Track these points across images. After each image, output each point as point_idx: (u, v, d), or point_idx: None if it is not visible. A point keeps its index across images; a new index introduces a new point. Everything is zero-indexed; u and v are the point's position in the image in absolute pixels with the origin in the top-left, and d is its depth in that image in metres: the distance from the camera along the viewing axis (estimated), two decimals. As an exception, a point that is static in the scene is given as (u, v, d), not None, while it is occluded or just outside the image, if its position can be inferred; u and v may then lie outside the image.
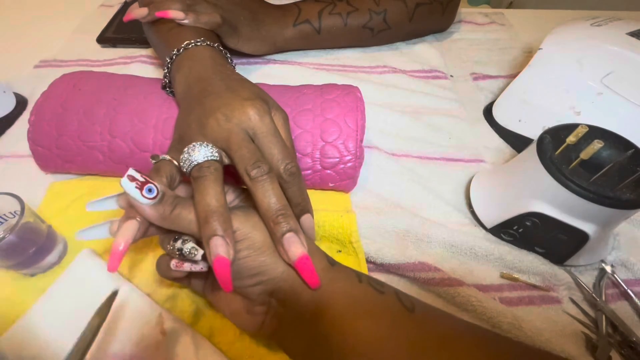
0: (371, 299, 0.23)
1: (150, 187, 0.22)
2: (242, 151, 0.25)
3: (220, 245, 0.22)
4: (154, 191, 0.22)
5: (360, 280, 0.24)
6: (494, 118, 0.46)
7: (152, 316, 0.28)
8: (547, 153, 0.29)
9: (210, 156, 0.25)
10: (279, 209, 0.24)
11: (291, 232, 0.23)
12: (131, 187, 0.21)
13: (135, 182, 0.21)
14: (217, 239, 0.22)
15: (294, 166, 0.27)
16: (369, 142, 0.42)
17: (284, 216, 0.24)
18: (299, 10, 0.51)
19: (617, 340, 0.29)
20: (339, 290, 0.23)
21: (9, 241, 0.28)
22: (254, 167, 0.24)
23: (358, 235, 0.34)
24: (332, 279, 0.24)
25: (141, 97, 0.35)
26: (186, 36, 0.36)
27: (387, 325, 0.22)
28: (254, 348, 0.28)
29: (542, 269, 0.32)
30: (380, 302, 0.23)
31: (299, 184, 0.27)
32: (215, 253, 0.22)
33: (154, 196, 0.22)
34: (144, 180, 0.22)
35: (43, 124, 0.34)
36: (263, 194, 0.24)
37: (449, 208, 0.37)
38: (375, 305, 0.23)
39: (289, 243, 0.23)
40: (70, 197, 0.36)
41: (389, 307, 0.23)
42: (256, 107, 0.27)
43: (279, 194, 0.24)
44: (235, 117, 0.26)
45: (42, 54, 0.54)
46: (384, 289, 0.24)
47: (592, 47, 0.39)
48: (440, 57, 0.55)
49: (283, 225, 0.23)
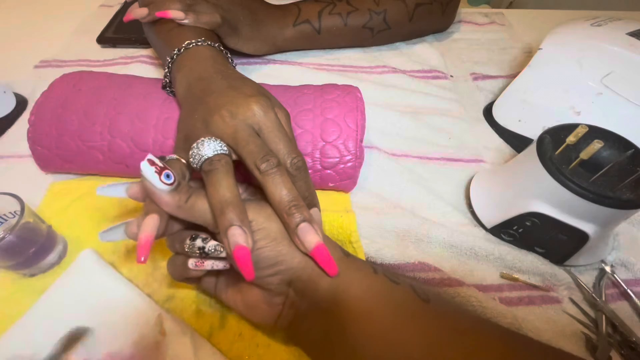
0: (387, 289, 0.23)
1: (168, 173, 0.22)
2: (250, 146, 0.25)
3: (239, 235, 0.22)
4: (172, 177, 0.22)
5: (375, 271, 0.24)
6: (494, 118, 0.46)
7: (151, 316, 0.28)
8: (547, 153, 0.29)
9: (220, 150, 0.25)
10: (291, 200, 0.24)
11: (305, 222, 0.23)
12: (151, 172, 0.21)
13: (155, 166, 0.22)
14: (235, 229, 0.22)
15: (300, 160, 0.27)
16: (369, 142, 0.42)
17: (296, 207, 0.24)
18: (299, 10, 0.51)
19: (617, 340, 0.29)
20: (356, 280, 0.24)
21: (9, 241, 0.28)
22: (263, 161, 0.24)
23: (358, 235, 0.34)
24: (349, 269, 0.24)
25: (141, 97, 0.35)
26: (186, 36, 0.36)
27: (402, 315, 0.22)
28: (253, 348, 0.28)
29: (542, 269, 0.32)
30: (396, 292, 0.23)
31: (306, 178, 0.27)
32: (235, 242, 0.22)
33: (171, 182, 0.22)
34: (162, 165, 0.22)
35: (43, 124, 0.34)
36: (274, 186, 0.24)
37: (449, 208, 0.37)
38: (391, 295, 0.23)
39: (304, 233, 0.23)
40: (70, 197, 0.36)
41: (405, 298, 0.23)
42: (260, 103, 0.27)
43: (289, 186, 0.24)
44: (240, 113, 0.27)
45: (42, 54, 0.54)
46: (399, 280, 0.24)
47: (592, 47, 0.39)
48: (440, 57, 0.55)
49: (297, 216, 0.24)
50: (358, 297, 0.23)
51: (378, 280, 0.24)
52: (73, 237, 0.34)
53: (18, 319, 0.28)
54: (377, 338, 0.22)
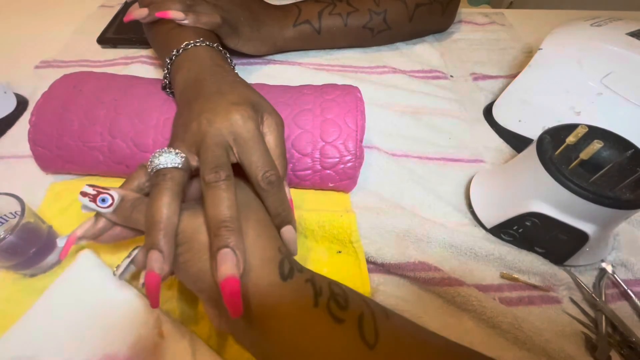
0: (323, 330, 0.21)
1: (104, 197, 0.24)
2: (206, 154, 0.25)
3: (155, 260, 0.22)
4: (108, 200, 0.24)
5: (316, 304, 0.22)
6: (494, 118, 0.46)
7: (149, 318, 0.28)
8: (547, 153, 0.29)
9: (171, 163, 0.24)
10: (223, 220, 0.22)
11: (227, 249, 0.21)
12: (85, 201, 0.24)
13: (87, 196, 0.24)
14: (153, 253, 0.22)
15: (273, 174, 0.25)
16: (369, 142, 0.42)
17: (227, 229, 0.22)
18: (299, 10, 0.51)
19: (617, 340, 0.29)
20: (284, 313, 0.21)
21: (10, 241, 0.28)
22: (211, 172, 0.23)
23: (358, 235, 0.34)
24: (280, 297, 0.22)
25: (142, 98, 0.35)
26: (186, 37, 0.36)
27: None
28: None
29: (542, 269, 0.32)
30: (334, 334, 0.21)
31: (279, 194, 0.26)
32: (150, 267, 0.21)
33: (109, 204, 0.24)
34: (95, 192, 0.24)
35: (44, 125, 0.34)
36: (212, 201, 0.23)
37: (449, 208, 0.37)
38: (326, 339, 0.21)
39: (222, 260, 0.21)
40: (70, 197, 0.36)
41: (343, 344, 0.20)
42: (240, 112, 0.26)
43: (229, 204, 0.23)
44: (217, 121, 0.26)
45: (43, 55, 0.55)
46: (344, 315, 0.21)
47: (592, 47, 0.39)
48: (440, 57, 0.55)
49: (222, 239, 0.22)
50: (285, 335, 0.21)
51: (315, 317, 0.21)
52: (73, 238, 0.34)
53: (18, 319, 0.28)
54: None
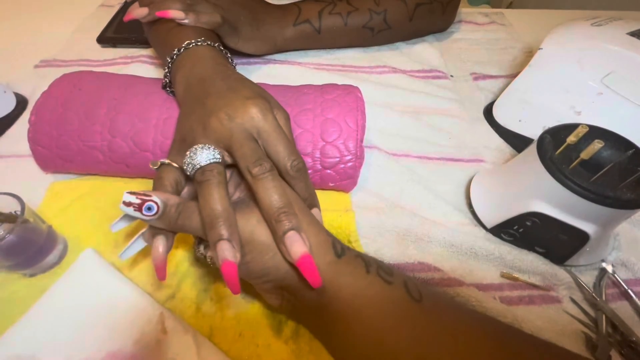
0: (377, 290, 0.23)
1: (150, 205, 0.23)
2: (243, 149, 0.25)
3: (227, 250, 0.22)
4: (154, 209, 0.23)
5: (367, 271, 0.24)
6: (494, 118, 0.46)
7: (152, 314, 0.28)
8: (547, 153, 0.29)
9: (213, 159, 0.25)
10: (280, 206, 0.24)
11: (293, 231, 0.23)
12: (131, 211, 0.23)
13: (132, 205, 0.23)
14: (223, 243, 0.22)
15: (300, 162, 0.27)
16: (369, 142, 0.42)
17: (286, 214, 0.24)
18: (299, 10, 0.51)
19: (617, 340, 0.29)
20: (345, 284, 0.24)
21: (9, 241, 0.28)
22: (255, 165, 0.24)
23: (357, 235, 0.34)
24: (338, 272, 0.24)
25: (141, 97, 0.35)
26: (186, 36, 0.36)
27: (392, 317, 0.22)
28: (253, 348, 0.28)
29: (543, 269, 0.32)
30: (387, 293, 0.23)
31: (306, 180, 0.27)
32: (223, 257, 0.22)
33: (154, 212, 0.23)
34: (140, 201, 0.23)
35: (43, 124, 0.34)
36: (265, 191, 0.24)
37: (449, 208, 0.37)
38: (381, 296, 0.23)
39: (290, 242, 0.23)
40: (70, 197, 0.36)
41: (395, 298, 0.23)
42: (258, 106, 0.27)
43: (281, 191, 0.24)
44: (238, 116, 0.26)
45: (43, 54, 0.54)
46: (392, 279, 0.24)
47: (592, 47, 0.39)
48: (440, 57, 0.55)
49: (285, 224, 0.23)
50: (347, 300, 0.23)
51: (369, 281, 0.24)
52: (73, 237, 0.34)
53: (18, 319, 0.28)
54: (366, 339, 0.22)
